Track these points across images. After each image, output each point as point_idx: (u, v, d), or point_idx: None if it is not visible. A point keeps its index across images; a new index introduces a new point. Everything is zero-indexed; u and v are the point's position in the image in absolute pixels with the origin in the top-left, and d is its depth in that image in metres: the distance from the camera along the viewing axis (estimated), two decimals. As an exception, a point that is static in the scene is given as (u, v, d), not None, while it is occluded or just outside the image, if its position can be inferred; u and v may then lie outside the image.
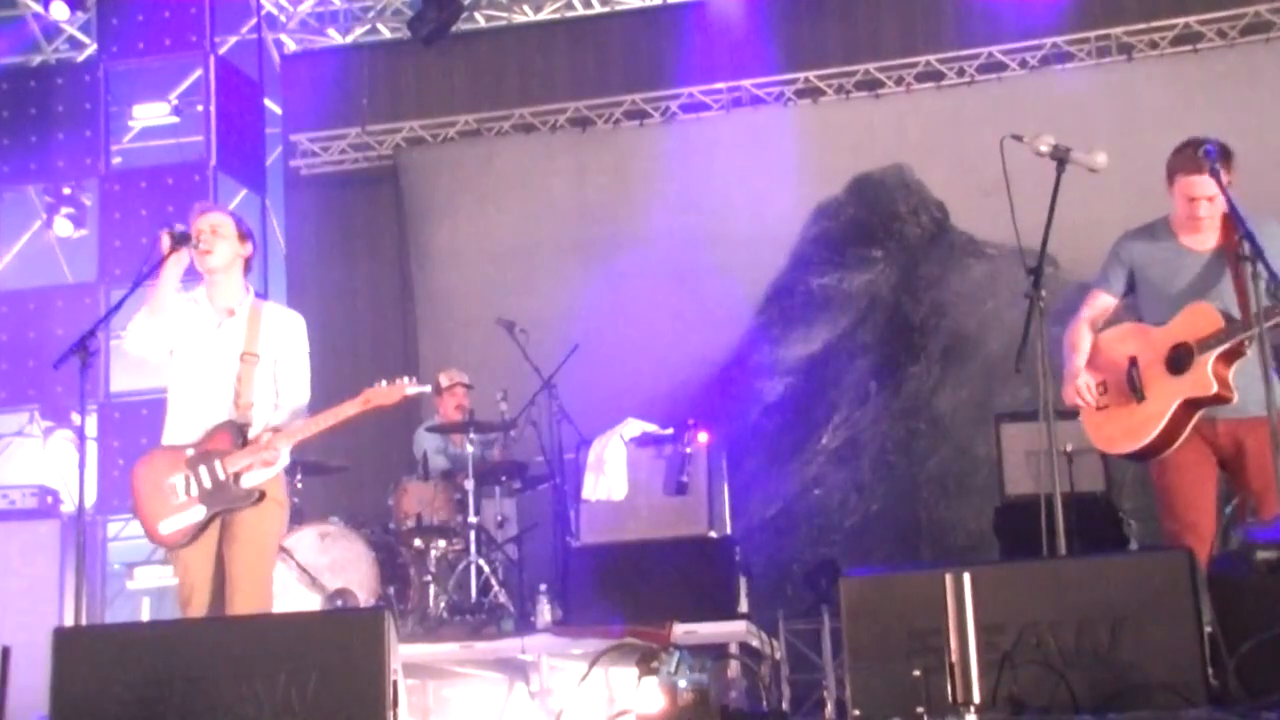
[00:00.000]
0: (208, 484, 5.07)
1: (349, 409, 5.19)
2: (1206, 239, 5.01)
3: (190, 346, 5.24)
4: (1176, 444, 4.86)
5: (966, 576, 3.54)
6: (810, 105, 10.23)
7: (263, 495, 5.09)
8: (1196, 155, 4.82)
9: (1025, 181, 4.74)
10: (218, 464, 5.07)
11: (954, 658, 3.39)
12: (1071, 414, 5.12)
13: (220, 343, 5.22)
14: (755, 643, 6.62)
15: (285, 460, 5.25)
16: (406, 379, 5.28)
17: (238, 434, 5.11)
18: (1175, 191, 4.95)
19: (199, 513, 5.07)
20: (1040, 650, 3.61)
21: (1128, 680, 3.52)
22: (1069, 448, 5.17)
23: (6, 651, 4.21)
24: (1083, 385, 4.95)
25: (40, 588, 7.54)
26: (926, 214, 9.82)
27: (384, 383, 5.24)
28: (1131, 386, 4.93)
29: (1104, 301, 5.13)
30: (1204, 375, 4.84)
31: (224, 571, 5.10)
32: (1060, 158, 4.79)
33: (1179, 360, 4.90)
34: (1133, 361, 4.95)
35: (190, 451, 5.12)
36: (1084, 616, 3.63)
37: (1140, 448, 4.88)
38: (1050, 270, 4.84)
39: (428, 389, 5.36)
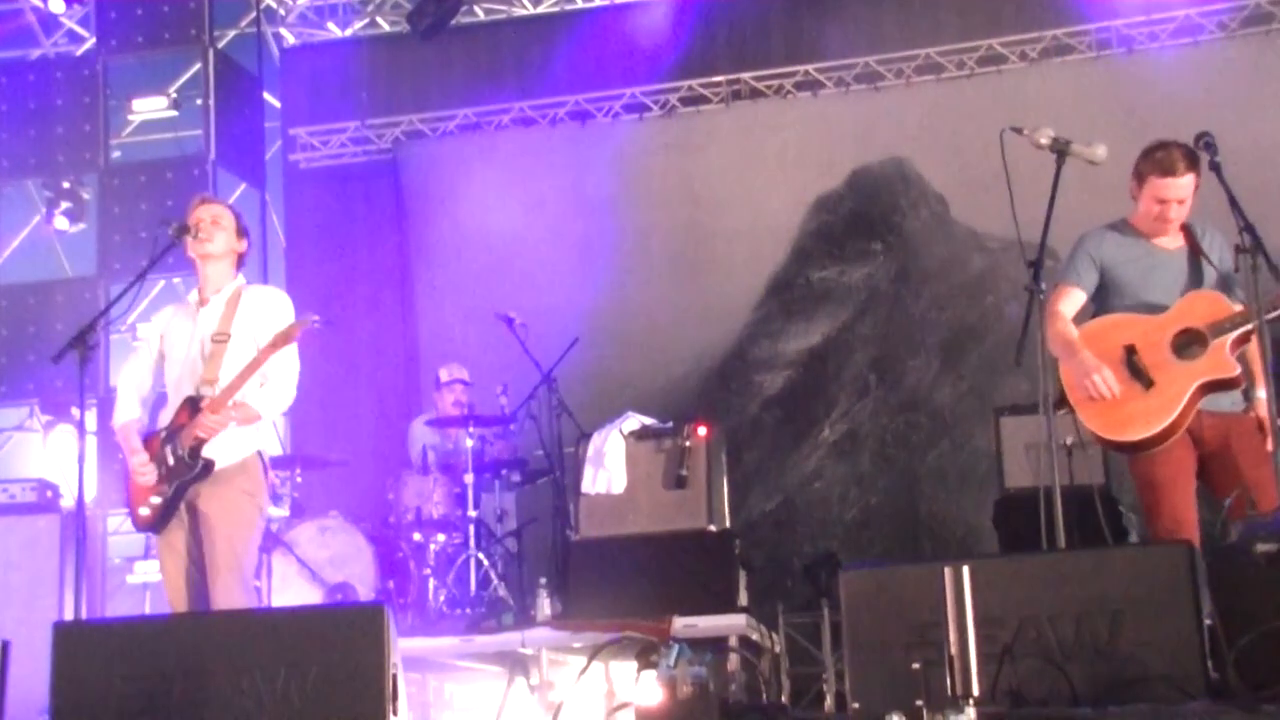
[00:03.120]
0: (170, 461, 5.14)
1: (262, 355, 5.12)
2: (1173, 239, 5.06)
3: (175, 341, 5.32)
4: (1180, 431, 4.86)
5: (966, 569, 3.54)
6: (810, 98, 10.22)
7: (210, 466, 5.10)
8: (1169, 157, 4.86)
9: (1025, 174, 4.74)
10: (177, 440, 5.13)
11: (953, 651, 3.39)
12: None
13: (196, 329, 5.29)
14: (755, 636, 6.62)
15: (260, 431, 5.28)
16: (307, 316, 5.21)
17: (193, 408, 5.15)
18: (1144, 193, 4.98)
19: (164, 491, 5.14)
20: (1039, 643, 3.61)
21: (1127, 673, 3.53)
22: (1068, 441, 5.16)
23: (6, 646, 4.20)
24: (1104, 379, 4.90)
25: (40, 582, 7.54)
26: (926, 207, 9.80)
27: (289, 324, 5.20)
28: (1134, 374, 4.92)
29: (1078, 297, 5.14)
30: (1223, 356, 4.85)
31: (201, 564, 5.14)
32: (1060, 150, 4.79)
33: (1188, 345, 4.90)
34: (1130, 350, 4.95)
35: (163, 434, 5.21)
36: (1083, 609, 3.63)
37: (1156, 433, 4.87)
38: (1050, 264, 4.84)
39: (318, 319, 5.25)
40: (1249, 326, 4.83)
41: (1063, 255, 5.24)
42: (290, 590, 7.19)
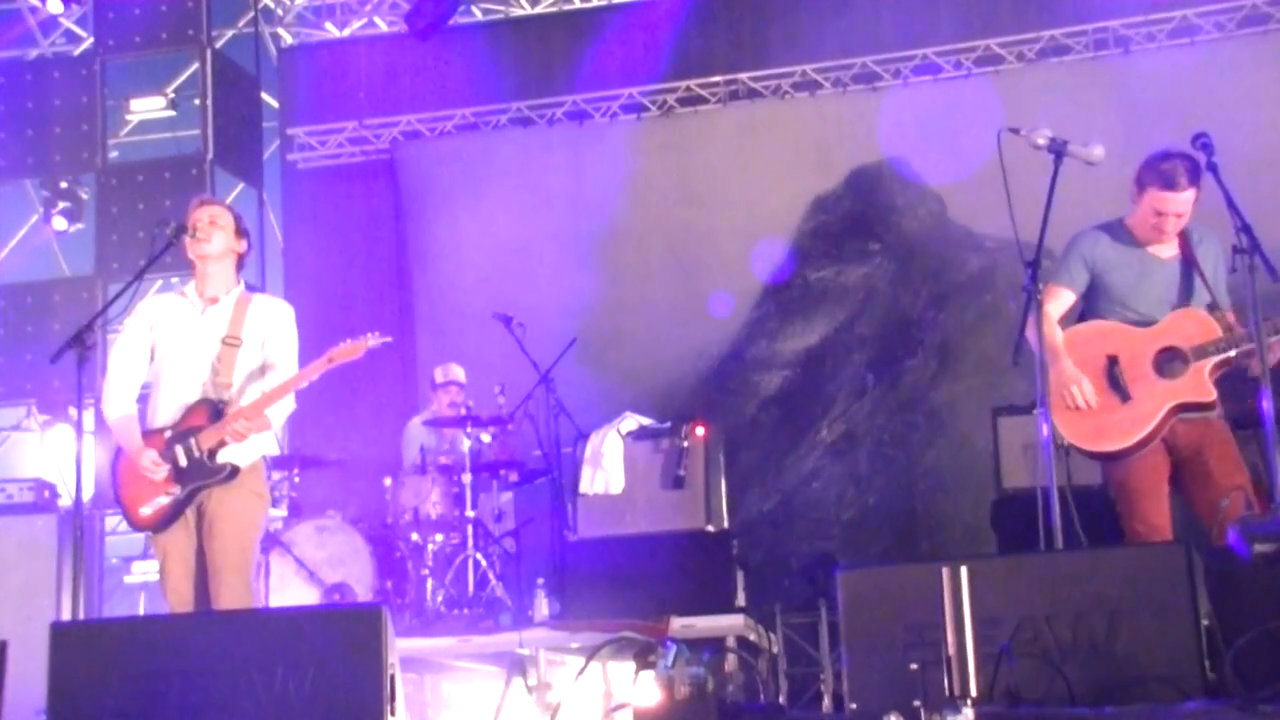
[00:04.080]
0: (183, 462, 5.11)
1: (314, 369, 5.21)
2: (1168, 247, 5.06)
3: (173, 336, 5.29)
4: (1151, 445, 4.88)
5: (963, 569, 3.55)
6: (808, 98, 10.22)
7: (235, 471, 5.12)
8: (1173, 170, 4.85)
9: (1023, 174, 4.75)
10: (192, 441, 5.11)
11: (951, 651, 3.39)
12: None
13: (203, 329, 5.27)
14: (753, 636, 6.63)
15: (268, 435, 5.28)
16: (370, 334, 5.26)
17: (213, 411, 5.15)
18: (1144, 201, 4.98)
19: (175, 491, 5.11)
20: (1037, 643, 3.62)
21: (1124, 673, 3.53)
22: (1066, 441, 5.16)
23: (4, 646, 4.21)
24: (1082, 391, 4.92)
25: (38, 582, 7.53)
26: (924, 207, 9.81)
27: (348, 340, 5.24)
28: (1113, 385, 4.94)
29: (1067, 298, 5.14)
30: (1202, 381, 4.87)
31: (204, 563, 5.12)
32: (1058, 150, 4.79)
33: (1169, 362, 4.91)
34: (1112, 360, 4.96)
35: (168, 433, 5.16)
36: (1081, 609, 3.63)
37: (1126, 447, 4.90)
38: (1048, 263, 4.84)
39: (389, 339, 5.33)
40: (1232, 353, 4.85)
41: (1060, 255, 5.24)
42: (288, 590, 7.19)
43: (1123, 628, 3.58)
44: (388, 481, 7.78)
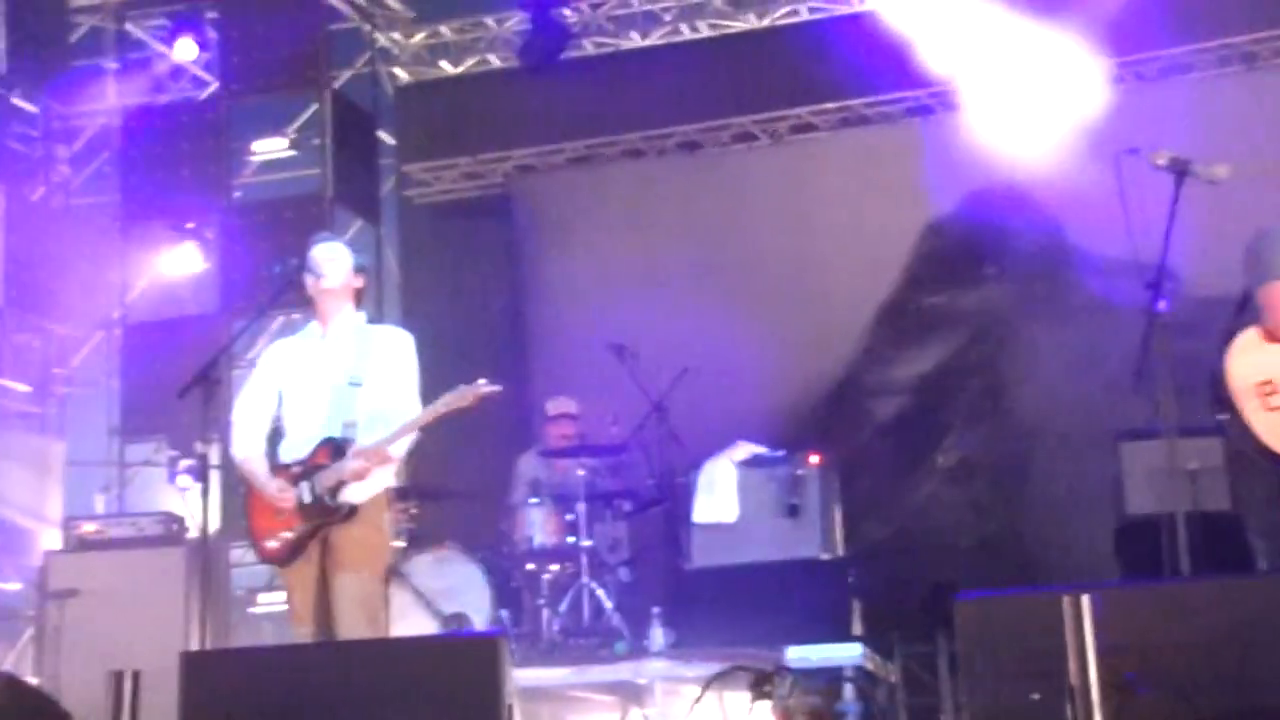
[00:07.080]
0: (306, 499, 5.22)
1: (427, 416, 5.25)
2: None
3: (297, 376, 5.42)
4: None
5: (1085, 599, 3.47)
6: (919, 122, 10.14)
7: (353, 511, 5.20)
8: None
9: (1144, 195, 4.66)
10: (315, 480, 5.21)
11: (1074, 682, 3.32)
12: (1197, 431, 4.97)
13: (325, 368, 5.38)
14: (870, 666, 6.55)
15: (389, 469, 5.35)
16: (481, 381, 5.27)
17: (335, 450, 5.24)
18: None
19: (298, 527, 5.22)
20: (1165, 675, 3.52)
21: (1257, 705, 3.43)
22: (1192, 466, 5.03)
23: (137, 676, 4.31)
24: None
25: (167, 613, 7.69)
26: (1040, 229, 9.65)
27: (462, 387, 5.27)
28: None
29: None
30: None
31: (329, 595, 5.21)
32: (1179, 170, 4.69)
33: None
34: None
35: (295, 469, 5.28)
36: (1210, 640, 3.53)
37: None
38: (1171, 285, 4.73)
39: (499, 389, 5.35)
40: None
41: (1183, 276, 5.12)
42: (407, 621, 7.26)
43: (1256, 659, 3.47)
44: (504, 512, 7.85)
